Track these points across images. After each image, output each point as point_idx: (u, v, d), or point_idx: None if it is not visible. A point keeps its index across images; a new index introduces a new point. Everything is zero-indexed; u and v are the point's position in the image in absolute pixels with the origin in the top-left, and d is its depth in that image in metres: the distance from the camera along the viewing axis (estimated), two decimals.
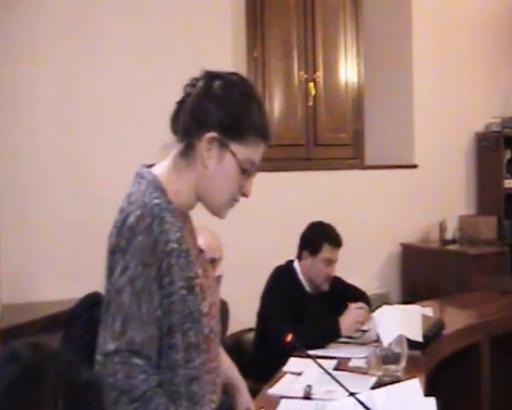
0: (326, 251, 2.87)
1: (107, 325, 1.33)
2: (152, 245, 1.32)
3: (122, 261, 1.32)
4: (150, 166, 1.46)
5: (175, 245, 1.36)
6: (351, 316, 2.69)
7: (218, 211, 1.46)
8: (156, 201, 1.36)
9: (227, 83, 1.42)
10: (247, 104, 1.41)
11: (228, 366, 1.79)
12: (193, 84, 1.43)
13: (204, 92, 1.41)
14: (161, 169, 1.43)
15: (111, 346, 1.30)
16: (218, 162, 1.40)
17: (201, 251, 1.54)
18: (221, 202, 1.44)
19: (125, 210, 1.36)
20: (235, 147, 1.40)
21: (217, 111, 1.39)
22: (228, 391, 1.78)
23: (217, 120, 1.39)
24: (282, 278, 2.90)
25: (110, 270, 1.36)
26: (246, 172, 1.42)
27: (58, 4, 3.55)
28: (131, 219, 1.33)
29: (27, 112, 3.50)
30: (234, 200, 1.45)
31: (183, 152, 1.42)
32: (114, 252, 1.34)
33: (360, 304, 2.75)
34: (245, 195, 1.45)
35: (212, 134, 1.38)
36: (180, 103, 1.44)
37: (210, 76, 1.43)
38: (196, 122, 1.39)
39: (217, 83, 1.41)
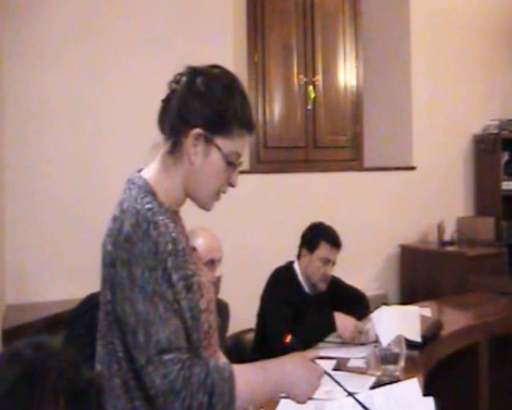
0: (323, 249, 2.88)
1: (130, 342, 1.31)
2: (153, 248, 1.32)
3: (128, 274, 1.31)
4: (140, 170, 1.46)
5: (172, 246, 1.36)
6: (352, 322, 2.72)
7: (205, 204, 1.47)
8: (148, 205, 1.36)
9: (209, 78, 1.42)
10: (229, 98, 1.41)
11: None
12: (177, 80, 1.44)
13: (187, 89, 1.41)
14: (151, 171, 1.44)
15: (142, 360, 1.30)
16: (205, 158, 1.41)
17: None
18: (208, 196, 1.45)
19: (118, 219, 1.35)
20: (220, 141, 1.40)
21: (201, 108, 1.39)
22: None
23: (201, 116, 1.39)
24: (282, 279, 2.91)
25: (110, 282, 1.34)
26: (232, 164, 1.43)
27: (66, 11, 3.58)
28: (127, 228, 1.32)
29: (36, 117, 3.52)
30: (221, 192, 1.46)
31: (171, 150, 1.43)
32: (114, 264, 1.33)
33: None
34: (232, 185, 1.46)
35: (198, 131, 1.39)
36: (165, 101, 1.44)
37: (192, 72, 1.43)
38: (182, 120, 1.40)
39: (199, 79, 1.41)
